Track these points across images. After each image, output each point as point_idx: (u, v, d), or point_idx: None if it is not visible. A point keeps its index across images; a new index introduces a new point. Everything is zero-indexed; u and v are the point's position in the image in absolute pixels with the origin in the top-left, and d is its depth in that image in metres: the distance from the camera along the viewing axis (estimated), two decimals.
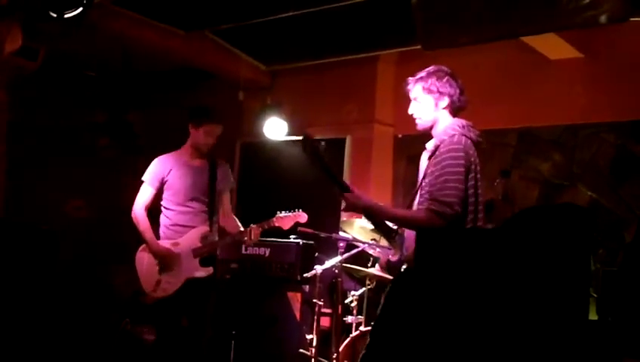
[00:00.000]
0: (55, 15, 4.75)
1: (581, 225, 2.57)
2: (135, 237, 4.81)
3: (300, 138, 3.46)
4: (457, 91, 3.45)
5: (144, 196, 4.67)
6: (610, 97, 5.54)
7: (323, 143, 3.49)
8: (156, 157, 4.88)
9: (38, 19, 5.32)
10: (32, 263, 5.77)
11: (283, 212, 4.66)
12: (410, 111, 3.55)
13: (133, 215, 4.64)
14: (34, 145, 7.13)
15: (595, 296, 3.84)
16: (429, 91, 3.46)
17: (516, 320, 2.49)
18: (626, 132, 5.50)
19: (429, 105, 3.47)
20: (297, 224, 4.70)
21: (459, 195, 3.23)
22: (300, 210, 4.70)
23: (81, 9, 4.70)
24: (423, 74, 3.50)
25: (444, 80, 3.44)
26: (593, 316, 3.33)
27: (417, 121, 3.53)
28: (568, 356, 2.44)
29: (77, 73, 7.42)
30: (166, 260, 4.52)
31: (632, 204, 5.41)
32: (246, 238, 4.55)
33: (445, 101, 3.45)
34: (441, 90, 3.44)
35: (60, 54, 6.50)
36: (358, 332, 5.26)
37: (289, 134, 6.72)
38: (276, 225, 4.62)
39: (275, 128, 6.65)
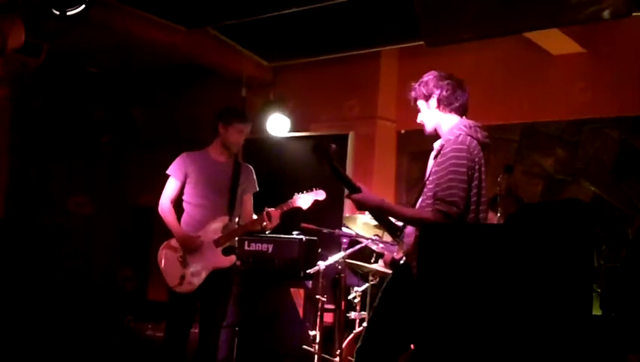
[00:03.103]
0: (57, 12, 4.76)
1: (584, 221, 2.56)
2: (137, 234, 4.82)
3: (314, 144, 3.50)
4: (445, 88, 3.50)
5: (169, 189, 4.73)
6: (613, 92, 5.53)
7: (334, 146, 3.51)
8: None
9: (41, 16, 5.32)
10: (36, 258, 5.79)
11: (302, 192, 4.68)
12: (417, 121, 3.65)
13: (159, 208, 4.71)
14: (36, 141, 7.14)
15: (599, 291, 3.85)
16: (419, 97, 3.58)
17: (519, 315, 2.49)
18: (629, 127, 5.50)
19: (423, 108, 3.58)
20: (317, 202, 4.69)
21: (462, 195, 3.28)
22: (319, 189, 4.70)
23: (83, 6, 4.70)
24: (414, 85, 3.61)
25: (431, 83, 3.54)
26: (597, 312, 3.33)
27: (425, 128, 3.62)
28: (572, 352, 2.44)
29: (79, 69, 7.42)
30: (190, 247, 4.55)
31: (635, 199, 5.41)
32: (265, 223, 4.56)
33: (434, 100, 3.51)
34: (427, 92, 3.53)
35: (62, 51, 6.50)
36: (361, 328, 5.27)
37: (292, 130, 6.73)
38: (296, 205, 4.63)
39: (278, 124, 6.65)
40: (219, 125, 4.71)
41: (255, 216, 4.73)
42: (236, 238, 4.77)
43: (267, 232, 4.71)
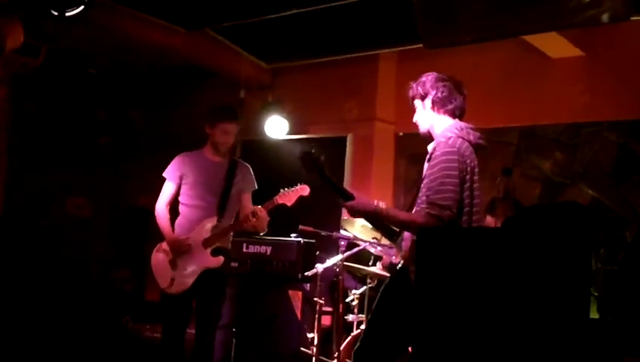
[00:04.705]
0: (56, 13, 4.75)
1: (582, 224, 2.56)
2: (136, 236, 4.82)
3: (300, 154, 3.49)
4: (441, 90, 3.50)
5: (165, 192, 4.73)
6: (611, 96, 5.53)
7: (323, 157, 3.49)
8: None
9: (40, 17, 5.32)
10: (34, 259, 5.79)
11: (285, 188, 4.67)
12: (413, 120, 3.65)
13: (155, 211, 4.72)
14: (35, 142, 7.14)
15: (596, 294, 3.85)
16: (416, 96, 3.57)
17: (516, 318, 2.49)
18: (627, 131, 5.50)
19: (419, 108, 3.58)
20: (301, 198, 4.68)
21: (455, 198, 3.27)
22: (302, 183, 4.69)
23: (82, 7, 4.70)
24: (412, 84, 3.61)
25: (428, 83, 3.53)
26: (594, 315, 3.33)
27: (419, 128, 3.61)
28: (569, 355, 2.44)
29: (79, 71, 7.42)
30: (179, 249, 4.55)
31: (633, 203, 5.41)
32: (252, 221, 4.56)
33: (429, 101, 3.51)
34: (423, 92, 3.53)
35: (62, 52, 6.50)
36: (359, 330, 5.27)
37: (290, 132, 6.73)
38: (280, 202, 4.62)
39: (276, 126, 6.66)
40: (206, 126, 4.72)
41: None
42: (230, 240, 4.75)
43: (261, 234, 4.70)
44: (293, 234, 5.41)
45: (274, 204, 4.60)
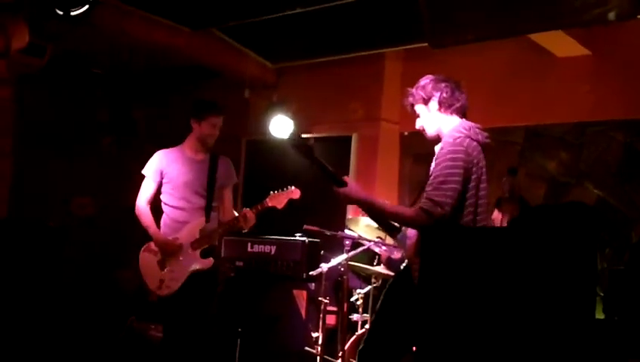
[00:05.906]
0: (61, 12, 4.76)
1: (588, 224, 2.56)
2: (139, 235, 4.81)
3: (290, 140, 3.49)
4: (445, 90, 3.49)
5: (146, 190, 4.68)
6: (618, 95, 5.51)
7: (312, 140, 3.49)
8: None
9: (45, 17, 5.33)
10: (38, 260, 5.80)
11: (276, 191, 4.66)
12: (416, 127, 3.63)
13: (136, 210, 4.66)
14: (39, 142, 7.14)
15: (602, 294, 3.83)
16: (418, 101, 3.55)
17: (522, 318, 2.48)
18: (634, 130, 5.47)
19: (423, 112, 3.56)
20: (291, 200, 4.68)
21: (452, 196, 3.24)
22: (293, 186, 4.68)
23: (87, 6, 4.70)
24: (411, 90, 3.59)
25: (429, 86, 3.52)
26: (599, 315, 3.32)
27: (425, 133, 3.59)
28: (574, 355, 2.43)
29: (83, 71, 7.43)
30: (169, 251, 4.53)
31: (638, 202, 5.39)
32: (241, 224, 4.55)
33: (434, 102, 3.49)
34: (426, 95, 3.52)
35: (66, 52, 6.51)
36: (364, 330, 5.26)
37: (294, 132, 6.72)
38: (270, 205, 4.61)
39: (281, 126, 6.63)
40: (191, 121, 4.68)
41: (236, 213, 4.70)
42: (216, 239, 4.74)
43: (244, 231, 4.68)
44: (297, 234, 5.40)
45: (264, 206, 4.60)
